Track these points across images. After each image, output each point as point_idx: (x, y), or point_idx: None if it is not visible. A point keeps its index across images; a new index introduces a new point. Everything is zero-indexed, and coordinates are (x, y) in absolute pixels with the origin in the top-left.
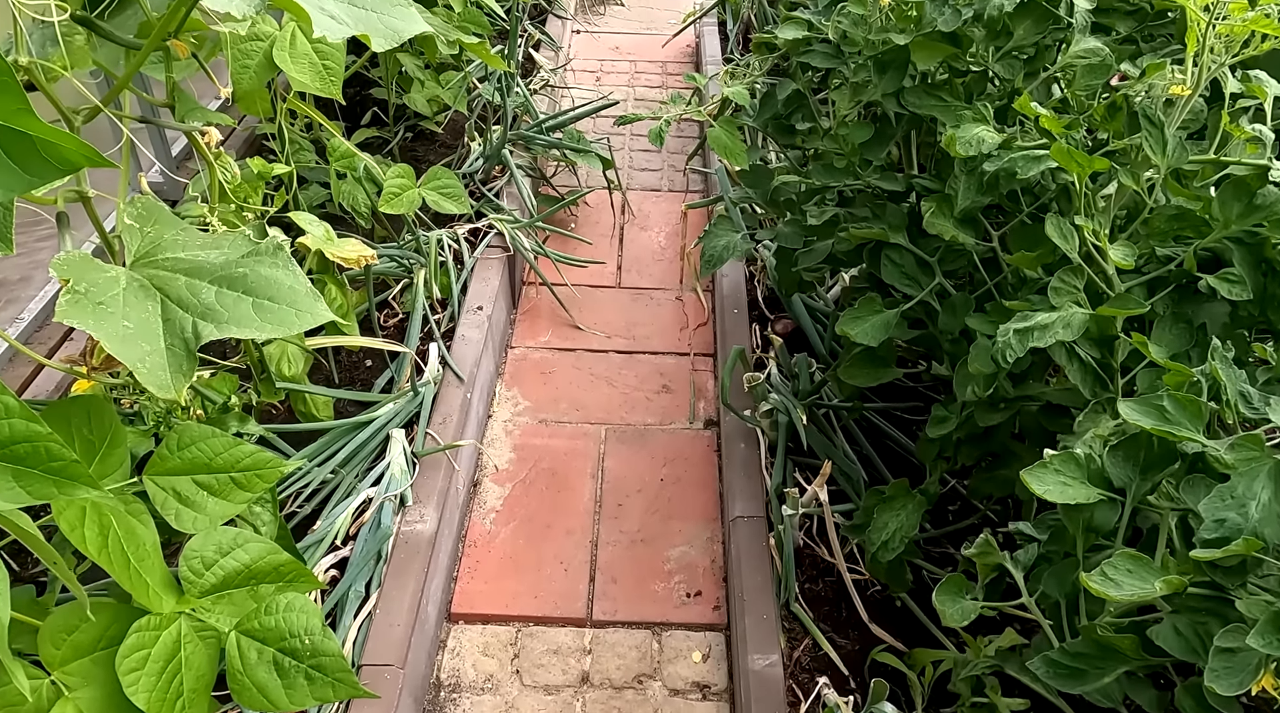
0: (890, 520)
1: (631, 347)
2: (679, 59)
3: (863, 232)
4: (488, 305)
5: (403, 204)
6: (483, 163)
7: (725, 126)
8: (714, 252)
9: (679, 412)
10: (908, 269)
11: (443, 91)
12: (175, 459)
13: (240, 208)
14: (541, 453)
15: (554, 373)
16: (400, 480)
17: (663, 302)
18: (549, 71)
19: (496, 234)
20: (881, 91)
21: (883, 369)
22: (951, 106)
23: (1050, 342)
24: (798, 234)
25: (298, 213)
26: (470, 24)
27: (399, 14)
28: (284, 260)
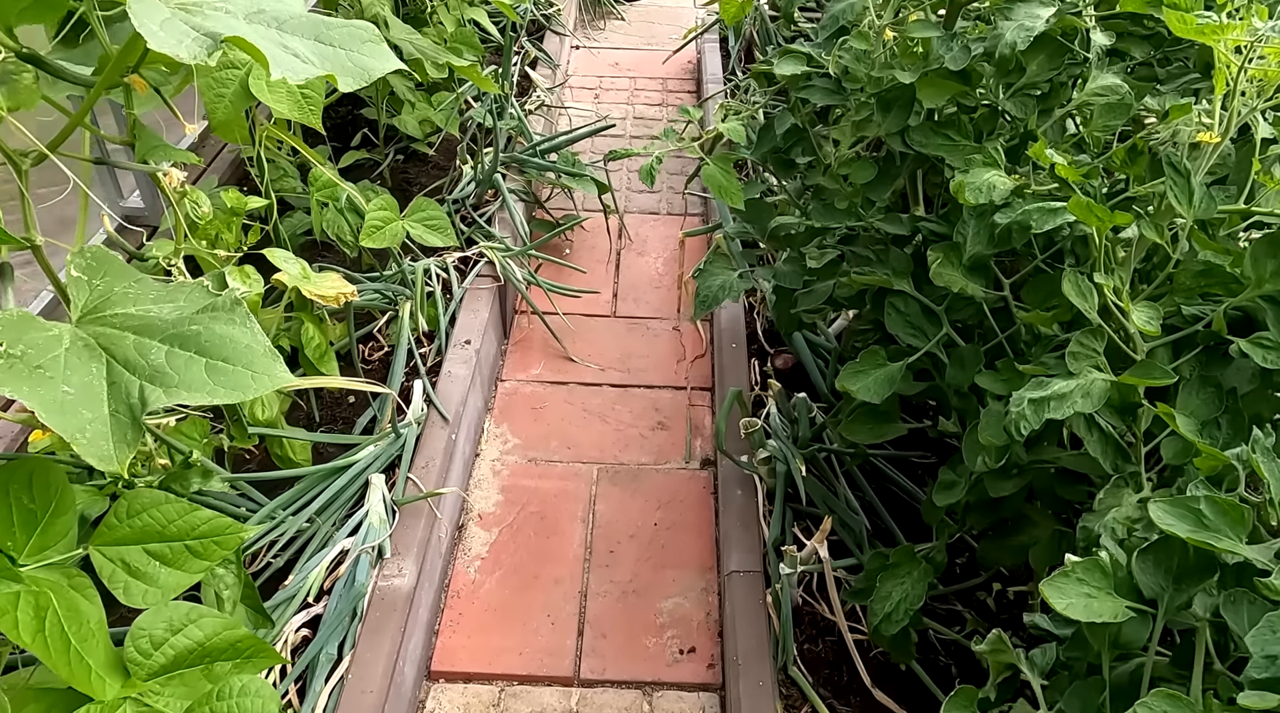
0: (894, 590)
1: (626, 380)
2: (680, 75)
3: (865, 278)
4: (476, 339)
5: (385, 238)
6: (474, 187)
7: (720, 163)
8: (709, 292)
9: (675, 450)
10: (913, 318)
11: (434, 113)
12: (124, 528)
13: (212, 244)
14: (530, 495)
15: (545, 408)
16: (379, 531)
17: (659, 332)
18: (545, 90)
19: (487, 263)
20: (885, 130)
21: (886, 425)
22: (960, 146)
23: (1068, 414)
24: (797, 274)
25: (272, 250)
26: (462, 45)
27: (370, 51)
28: (241, 317)
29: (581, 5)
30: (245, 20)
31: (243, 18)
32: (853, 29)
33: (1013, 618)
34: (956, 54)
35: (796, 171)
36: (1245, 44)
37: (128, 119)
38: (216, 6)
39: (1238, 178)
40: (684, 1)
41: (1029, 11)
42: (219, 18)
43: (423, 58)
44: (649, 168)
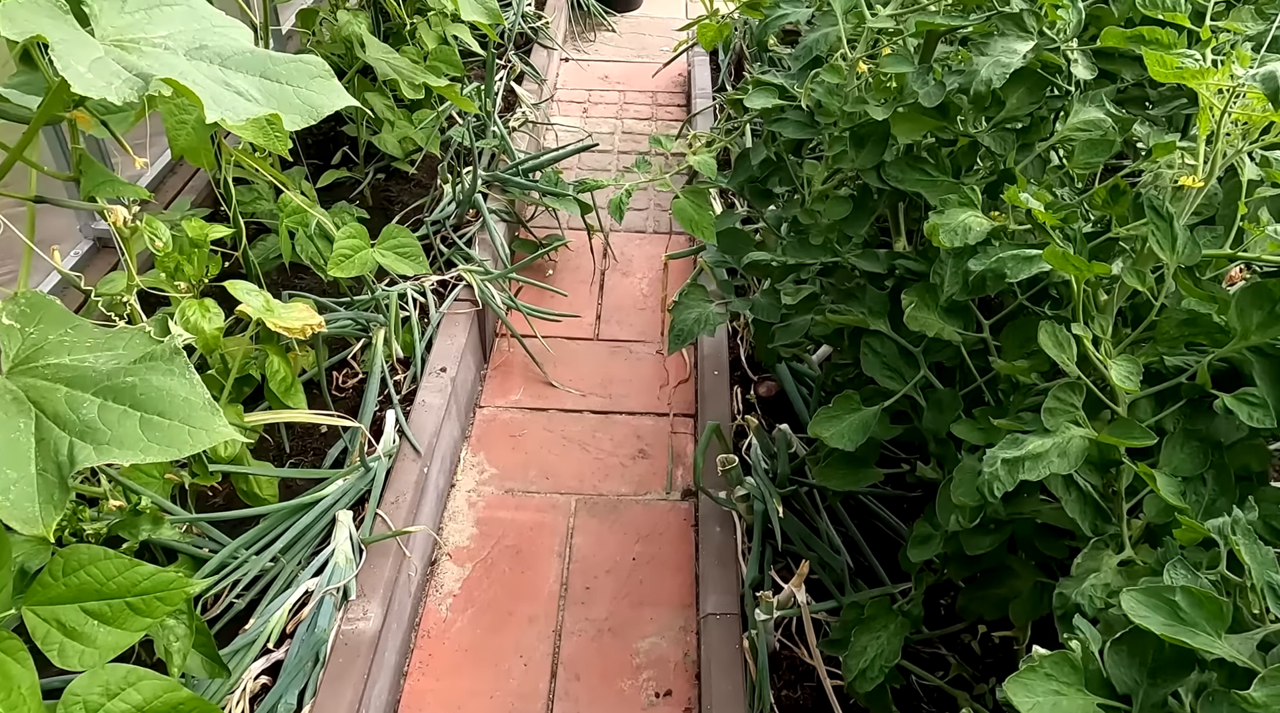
0: (870, 645)
1: (608, 406)
2: (669, 89)
3: (840, 318)
4: (452, 366)
5: (354, 267)
6: (455, 208)
7: (691, 197)
8: (684, 326)
9: (656, 480)
10: (889, 359)
11: (415, 132)
12: (60, 586)
13: (172, 277)
14: (506, 528)
15: (524, 436)
16: (344, 571)
17: (643, 356)
18: (531, 106)
19: (466, 286)
20: (859, 166)
21: (862, 470)
22: (937, 181)
23: (1044, 474)
24: (774, 307)
25: (234, 282)
26: (442, 64)
27: (319, 87)
28: (181, 367)
29: (571, 17)
30: (186, 57)
31: (183, 54)
32: (826, 60)
33: (998, 662)
34: (931, 90)
35: (774, 201)
36: (1228, 87)
37: (72, 153)
38: (156, 42)
39: (1223, 219)
40: (675, 12)
41: (1006, 46)
42: (157, 55)
43: (399, 78)
44: (618, 202)
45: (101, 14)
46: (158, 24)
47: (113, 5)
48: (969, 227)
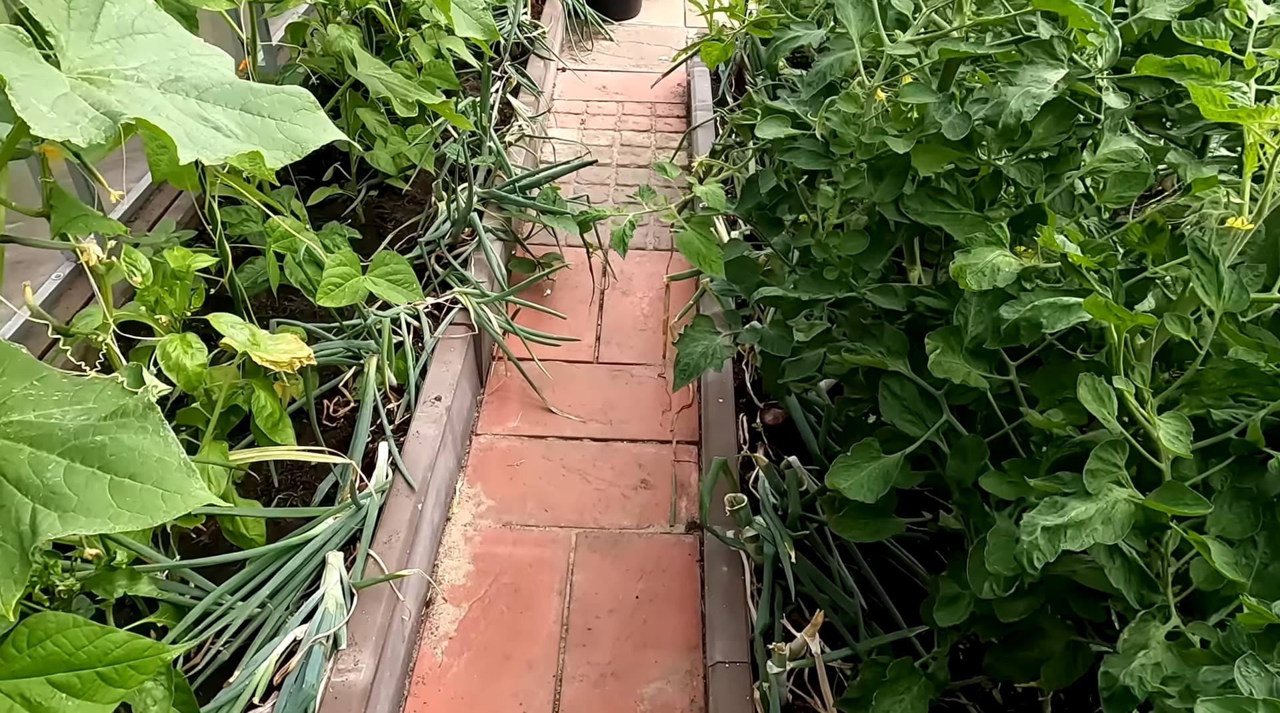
0: (892, 709)
1: (608, 433)
2: (669, 99)
3: (857, 358)
4: (447, 395)
5: (345, 296)
6: (450, 227)
7: (698, 228)
8: (690, 360)
9: (659, 512)
10: (909, 402)
11: (408, 148)
12: (24, 658)
13: (153, 310)
14: (504, 565)
15: (522, 465)
16: (335, 617)
17: (644, 379)
18: (528, 120)
19: (461, 310)
20: (878, 199)
21: (883, 520)
22: (959, 215)
23: (1087, 543)
24: (785, 340)
25: (217, 315)
26: (436, 79)
27: (303, 120)
28: (155, 424)
29: (568, 25)
30: (160, 90)
31: (158, 87)
32: (840, 87)
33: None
34: (955, 122)
35: (782, 229)
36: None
37: (43, 188)
38: (128, 75)
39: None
40: (674, 21)
41: (1035, 76)
42: (128, 90)
43: (392, 95)
44: (621, 235)
45: (68, 45)
46: (130, 54)
47: (81, 35)
48: (997, 267)
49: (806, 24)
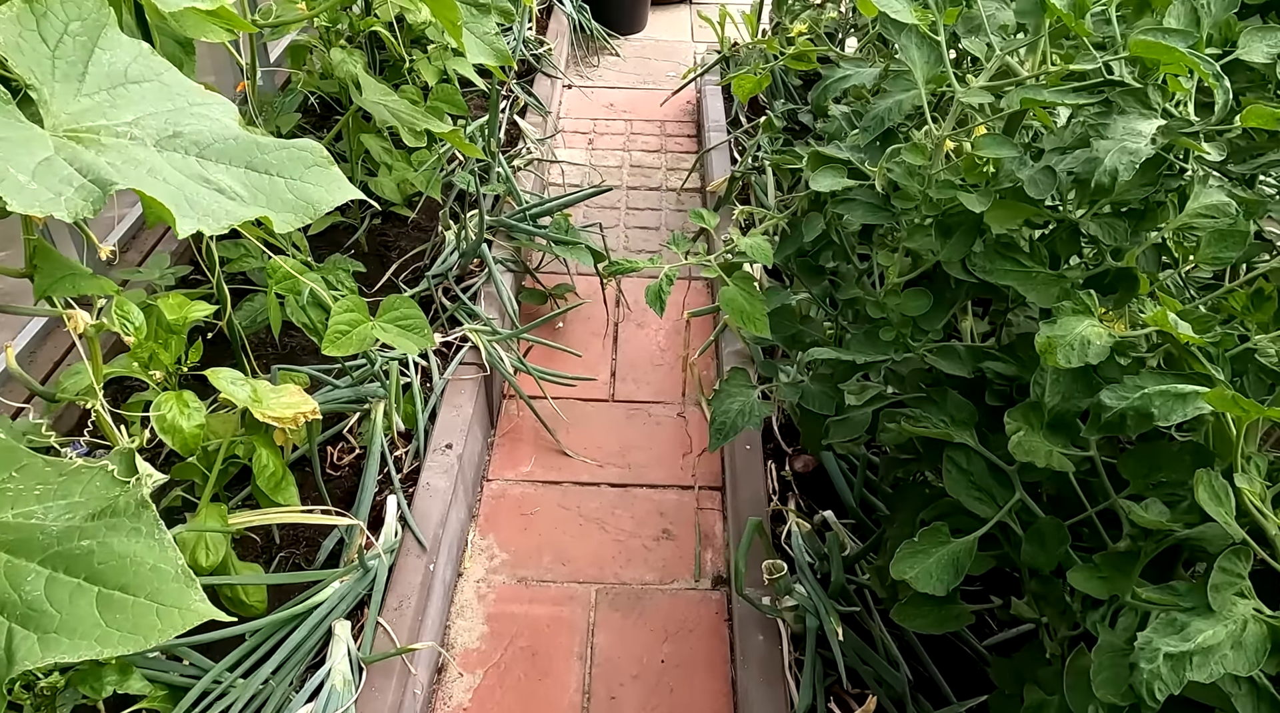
0: None
1: (626, 478)
2: (678, 118)
3: (918, 430)
4: (458, 441)
5: (352, 345)
6: (458, 258)
7: (741, 284)
8: (726, 419)
9: (682, 566)
10: (978, 478)
11: (414, 175)
12: None
13: (146, 366)
14: (520, 625)
15: (536, 514)
16: (342, 695)
17: (662, 419)
18: (536, 141)
19: (472, 348)
20: (945, 258)
21: (950, 608)
22: (1032, 273)
23: (1217, 674)
24: (828, 397)
25: (216, 371)
26: (443, 104)
27: (315, 177)
28: (149, 524)
29: (573, 41)
30: (156, 148)
31: (153, 144)
32: (899, 131)
33: None
34: (1038, 178)
35: (825, 277)
36: None
37: (25, 245)
38: (120, 131)
39: None
40: (681, 35)
41: (1129, 127)
42: (120, 149)
43: (399, 124)
44: (657, 290)
45: (53, 99)
46: (123, 107)
47: (67, 87)
48: (1087, 341)
49: (858, 62)
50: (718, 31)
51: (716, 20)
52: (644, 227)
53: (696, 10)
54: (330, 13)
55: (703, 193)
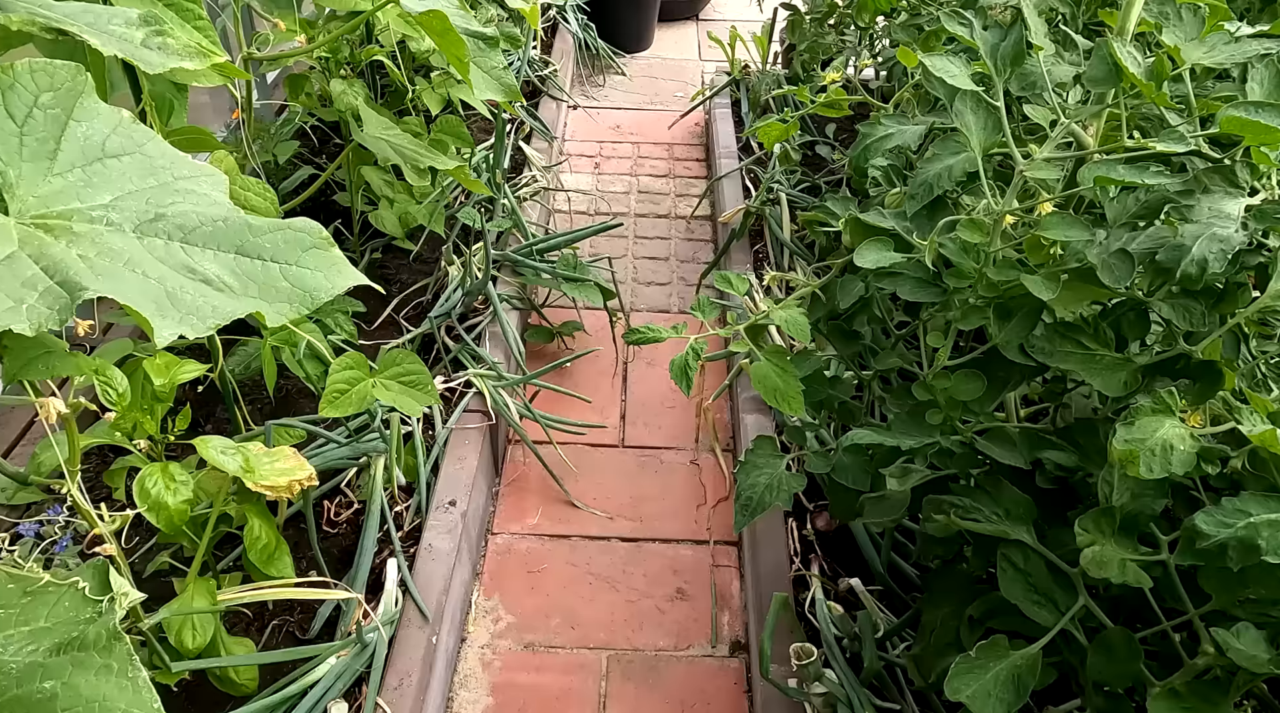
0: None
1: (638, 532)
2: (688, 140)
3: (970, 524)
4: (462, 497)
5: (350, 404)
6: (462, 296)
7: (773, 360)
8: (753, 494)
9: (698, 630)
10: (1037, 580)
11: (416, 209)
12: None
13: (129, 436)
14: (527, 697)
15: (544, 572)
16: None
17: (675, 467)
18: (542, 169)
19: (476, 394)
20: (1004, 342)
21: None
22: (1097, 357)
23: None
24: (863, 471)
25: (204, 440)
26: (448, 136)
27: (315, 262)
28: (122, 657)
29: (579, 60)
30: (136, 234)
31: (132, 230)
32: (949, 199)
33: None
34: (1114, 264)
35: (859, 342)
36: None
37: None
38: (95, 216)
39: None
40: (689, 54)
41: (1215, 208)
42: (94, 238)
43: (402, 161)
44: (682, 365)
45: (20, 182)
46: (100, 187)
47: (36, 167)
48: (1170, 447)
49: (901, 118)
50: (727, 53)
51: (726, 41)
52: (653, 257)
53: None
54: (331, 43)
55: (713, 221)
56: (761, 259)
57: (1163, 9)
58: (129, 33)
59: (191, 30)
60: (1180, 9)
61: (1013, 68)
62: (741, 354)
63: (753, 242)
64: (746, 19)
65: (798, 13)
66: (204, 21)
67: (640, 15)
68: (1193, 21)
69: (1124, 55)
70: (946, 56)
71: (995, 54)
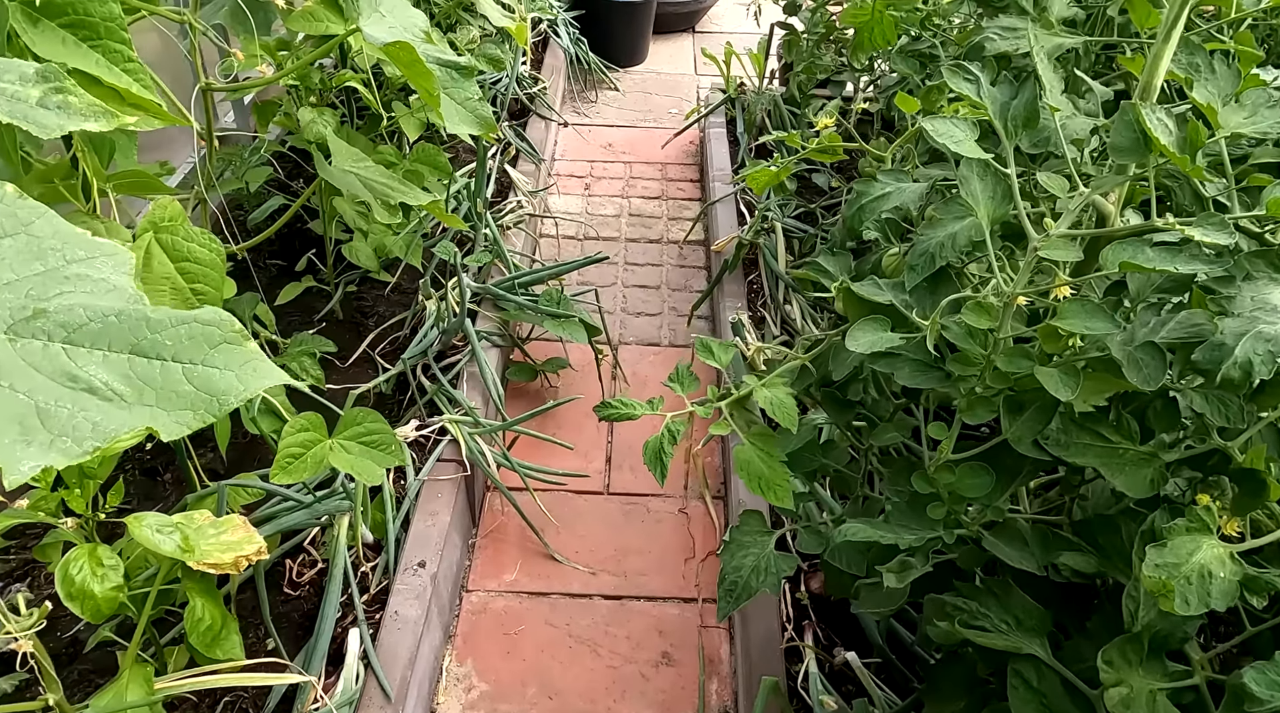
0: None
1: (622, 589)
2: (681, 160)
3: (976, 634)
4: (433, 558)
5: (307, 469)
6: (439, 335)
7: (758, 444)
8: (738, 578)
9: (685, 699)
10: (1052, 700)
11: (392, 241)
12: None
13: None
14: None
15: (521, 634)
16: None
17: (662, 516)
18: (527, 195)
19: (451, 441)
20: (1015, 437)
21: None
22: (1118, 451)
23: None
24: (859, 555)
25: (137, 518)
26: (424, 165)
27: (225, 359)
28: None
29: (570, 75)
30: (8, 336)
31: (5, 331)
32: (954, 270)
33: None
34: (1143, 361)
35: (853, 411)
36: None
37: None
38: None
39: None
40: (684, 68)
41: (1260, 299)
42: None
43: (372, 198)
44: (656, 449)
45: None
46: None
47: None
48: (1208, 572)
49: (900, 175)
50: (723, 70)
51: (721, 57)
52: (643, 285)
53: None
54: (299, 70)
55: (706, 247)
56: (756, 292)
57: (1192, 59)
58: (23, 90)
59: (120, 74)
60: (1213, 59)
61: (1025, 130)
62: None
63: (747, 271)
64: (745, 31)
65: (794, 32)
66: (135, 64)
67: (634, 29)
68: (1227, 75)
69: (1152, 123)
70: (949, 120)
71: (1005, 115)
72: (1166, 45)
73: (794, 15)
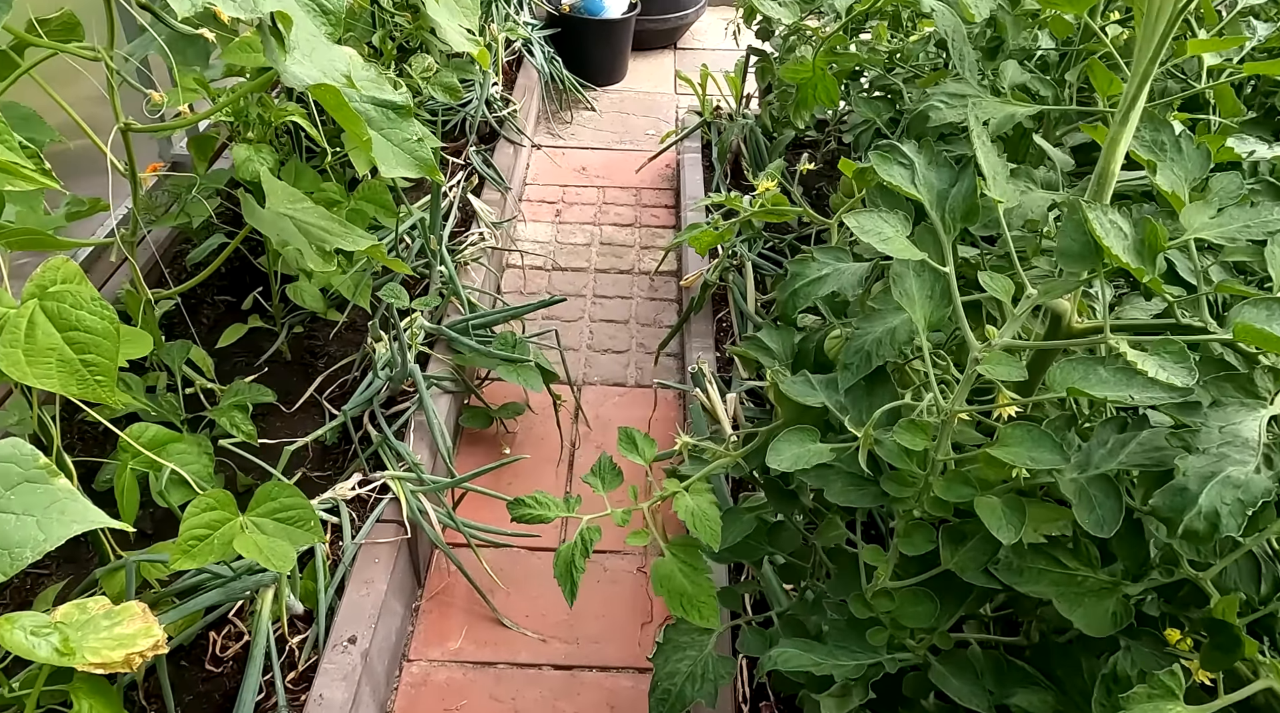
0: None
1: (574, 657)
2: (656, 184)
3: None
4: (365, 632)
5: (213, 552)
6: (387, 381)
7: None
8: (671, 686)
9: None
10: None
11: (339, 281)
12: None
13: None
14: None
15: (463, 710)
16: None
17: (619, 575)
18: (490, 227)
19: (393, 499)
20: (958, 566)
21: None
22: (1077, 579)
23: None
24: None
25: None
26: (370, 203)
27: (25, 503)
28: None
29: (545, 95)
30: None
31: None
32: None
33: None
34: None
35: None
36: None
37: None
38: None
39: None
40: (663, 87)
41: (1229, 430)
42: None
43: (306, 243)
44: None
45: None
46: None
47: None
48: None
49: (838, 256)
50: (699, 93)
51: (697, 80)
52: (611, 319)
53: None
54: (229, 106)
55: (678, 278)
56: (725, 331)
57: (1157, 137)
58: None
59: None
60: (1180, 139)
61: (964, 223)
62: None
63: (716, 308)
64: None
65: (767, 59)
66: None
67: (612, 47)
68: (1195, 156)
69: (1103, 228)
70: (876, 214)
71: (943, 206)
72: (1125, 128)
73: (766, 40)
